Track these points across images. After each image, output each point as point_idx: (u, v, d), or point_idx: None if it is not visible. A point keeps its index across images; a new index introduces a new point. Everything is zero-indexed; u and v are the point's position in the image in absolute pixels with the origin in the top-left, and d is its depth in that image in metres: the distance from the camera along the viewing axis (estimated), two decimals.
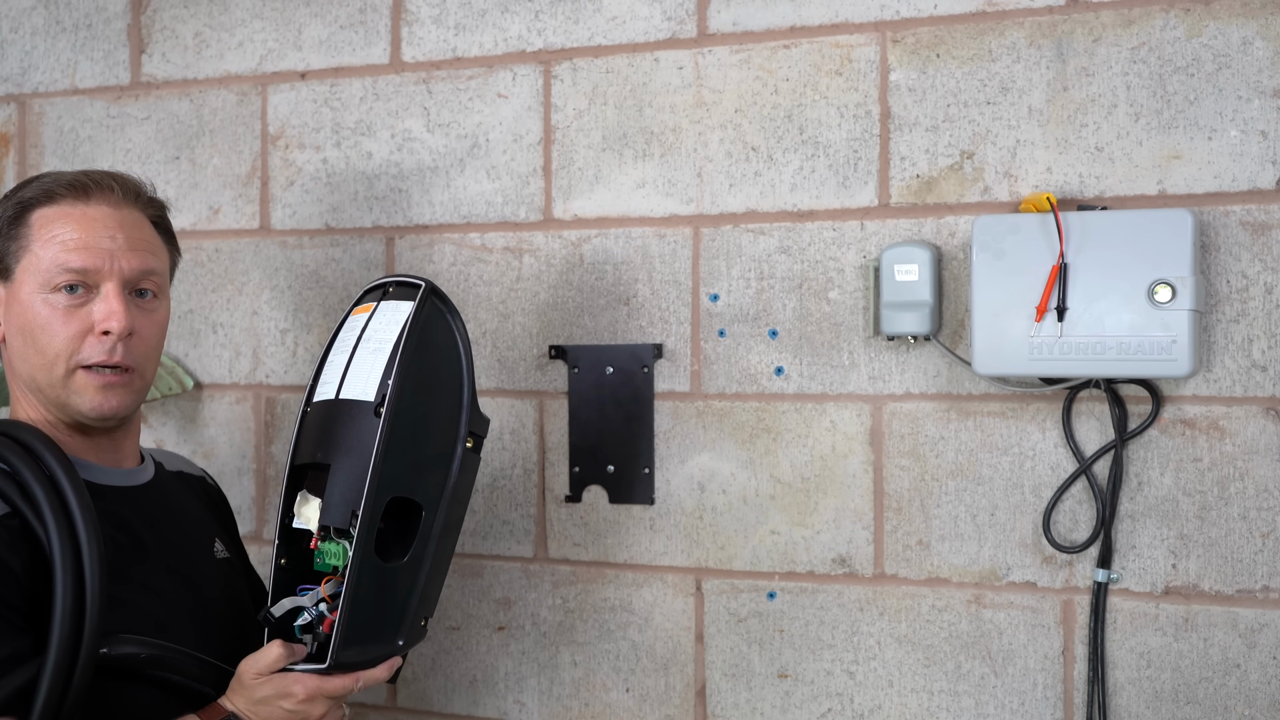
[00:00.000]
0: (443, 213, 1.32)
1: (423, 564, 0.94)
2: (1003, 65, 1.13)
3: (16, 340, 0.94)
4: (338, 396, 0.93)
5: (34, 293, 0.92)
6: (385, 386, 0.91)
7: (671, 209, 1.23)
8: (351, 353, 0.94)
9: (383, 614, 0.93)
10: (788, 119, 1.19)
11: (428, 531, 0.94)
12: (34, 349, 0.93)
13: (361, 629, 0.90)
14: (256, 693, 0.89)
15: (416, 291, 0.96)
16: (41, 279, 0.92)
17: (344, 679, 0.90)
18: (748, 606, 1.21)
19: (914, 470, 1.16)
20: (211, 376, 1.42)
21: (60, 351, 0.92)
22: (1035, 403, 1.12)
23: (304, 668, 0.89)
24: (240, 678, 0.90)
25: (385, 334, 0.93)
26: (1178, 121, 1.08)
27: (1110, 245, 1.03)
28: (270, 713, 0.89)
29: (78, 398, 0.93)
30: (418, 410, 0.92)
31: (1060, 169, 1.11)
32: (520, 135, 1.28)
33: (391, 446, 0.90)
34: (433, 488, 0.94)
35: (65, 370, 0.92)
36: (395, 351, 0.92)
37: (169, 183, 1.43)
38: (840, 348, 1.18)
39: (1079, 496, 1.11)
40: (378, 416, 0.89)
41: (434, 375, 0.95)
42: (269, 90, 1.38)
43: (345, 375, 0.93)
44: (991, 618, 1.14)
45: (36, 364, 0.93)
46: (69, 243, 0.92)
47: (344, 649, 0.89)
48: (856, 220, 1.17)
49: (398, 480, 0.91)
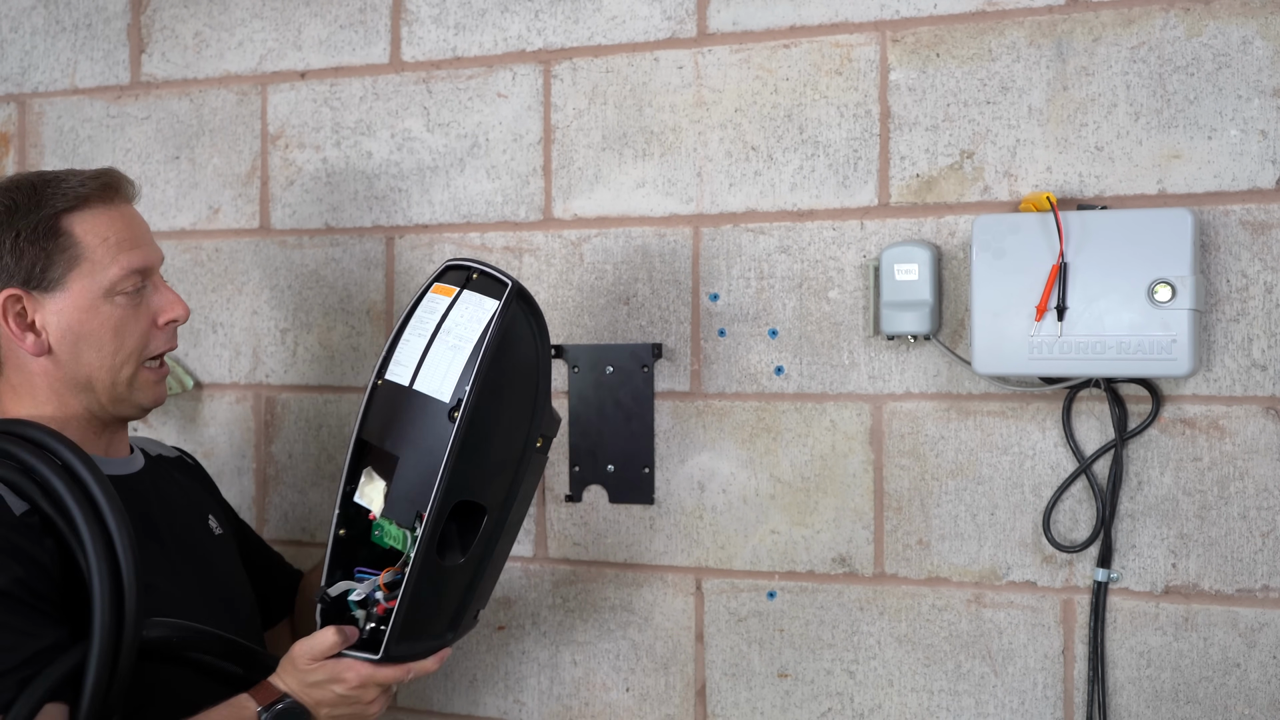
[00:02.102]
0: (443, 212, 1.34)
1: (482, 564, 0.96)
2: (1002, 65, 1.14)
3: (68, 347, 0.96)
4: (411, 386, 0.93)
5: (97, 298, 0.96)
6: (461, 391, 0.91)
7: (671, 208, 1.25)
8: (430, 340, 0.94)
9: (437, 610, 0.95)
10: (787, 118, 1.21)
11: (489, 532, 0.95)
12: (101, 352, 0.96)
13: (416, 625, 0.93)
14: (310, 676, 0.92)
15: (500, 288, 0.95)
16: (105, 283, 0.96)
17: (395, 669, 0.93)
18: (748, 606, 1.23)
19: (914, 470, 1.17)
20: (211, 376, 1.44)
21: (134, 349, 0.97)
22: (1035, 402, 1.14)
23: (357, 655, 0.92)
24: (294, 660, 0.93)
25: (466, 331, 0.93)
26: (1178, 121, 1.09)
27: (1110, 245, 1.04)
28: (322, 695, 0.92)
29: (140, 392, 0.98)
30: (490, 416, 0.93)
31: (1060, 168, 1.12)
32: (520, 135, 1.30)
33: (463, 454, 0.90)
34: (498, 491, 0.95)
35: (135, 366, 0.98)
36: (475, 355, 0.92)
37: (169, 182, 1.45)
38: (840, 347, 1.20)
39: (1079, 496, 1.13)
40: (451, 421, 0.90)
41: (510, 380, 0.95)
42: (269, 90, 1.40)
43: (421, 364, 0.94)
44: (991, 617, 1.15)
45: (101, 365, 0.96)
46: (124, 244, 0.97)
47: (398, 644, 0.91)
48: (856, 220, 1.19)
49: (465, 486, 0.92)
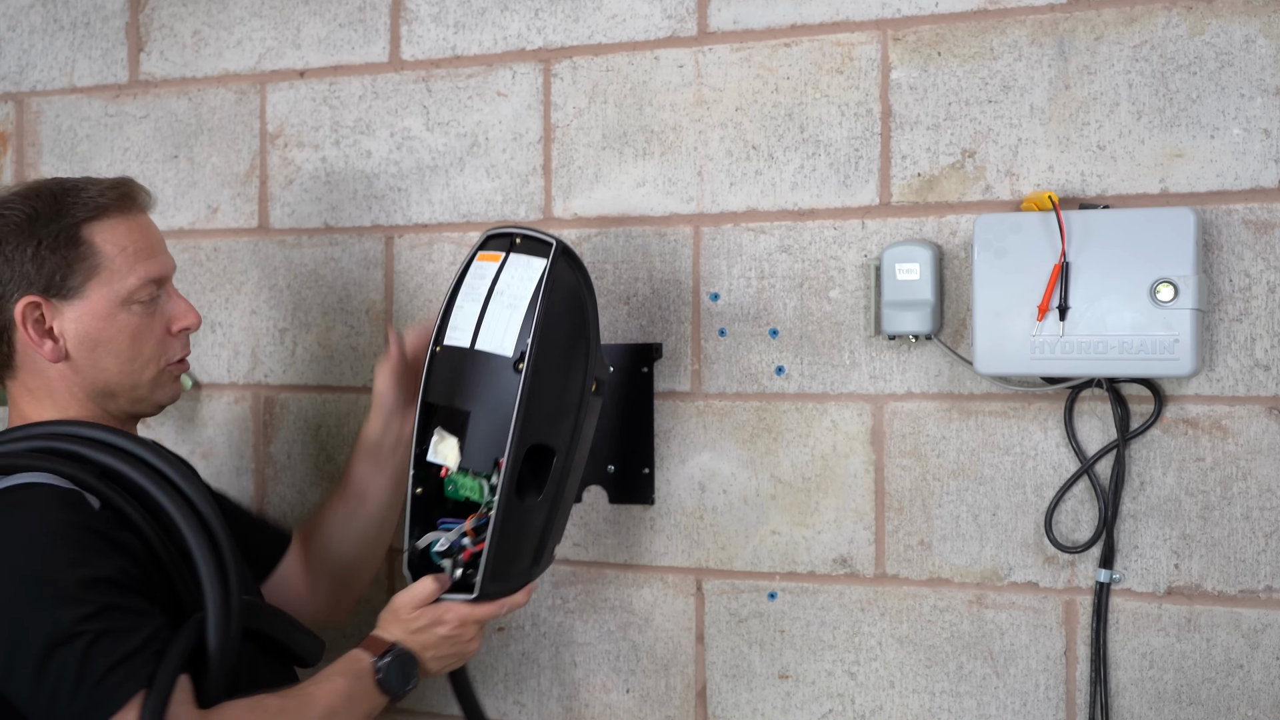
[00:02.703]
0: (442, 212, 1.34)
1: (556, 502, 1.05)
2: (1004, 63, 1.15)
3: (86, 353, 0.99)
4: (473, 346, 1.02)
5: (115, 306, 0.99)
6: (524, 344, 1.00)
7: (672, 208, 1.25)
8: (485, 303, 1.03)
9: (521, 547, 1.03)
10: (788, 117, 1.21)
11: (559, 472, 1.05)
12: (120, 359, 1.00)
13: (504, 563, 1.02)
14: (414, 624, 1.00)
15: (545, 248, 1.04)
16: (124, 292, 0.99)
17: (490, 606, 1.02)
18: (748, 607, 1.23)
19: (915, 470, 1.18)
20: (210, 376, 1.44)
21: (153, 355, 1.02)
22: (1037, 402, 1.14)
23: (453, 597, 1.01)
24: (396, 611, 1.01)
25: (519, 290, 1.03)
26: (1180, 120, 1.09)
27: (1112, 244, 1.04)
28: (426, 639, 1.01)
29: (162, 392, 1.04)
30: (550, 365, 1.02)
31: (1062, 167, 1.12)
32: (520, 134, 1.30)
33: (531, 401, 1.00)
34: (564, 433, 1.05)
35: (156, 371, 1.02)
36: (532, 310, 1.01)
37: (167, 181, 1.45)
38: (841, 347, 1.20)
39: (1081, 496, 1.13)
40: (517, 373, 1.00)
41: (564, 329, 1.04)
42: (268, 89, 1.40)
43: (480, 326, 1.03)
44: (993, 618, 1.16)
45: (121, 371, 1.00)
46: (142, 253, 1.01)
47: (490, 582, 1.01)
48: (857, 219, 1.19)
49: (535, 430, 1.01)
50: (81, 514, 0.88)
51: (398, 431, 1.14)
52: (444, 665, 1.05)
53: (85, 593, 0.85)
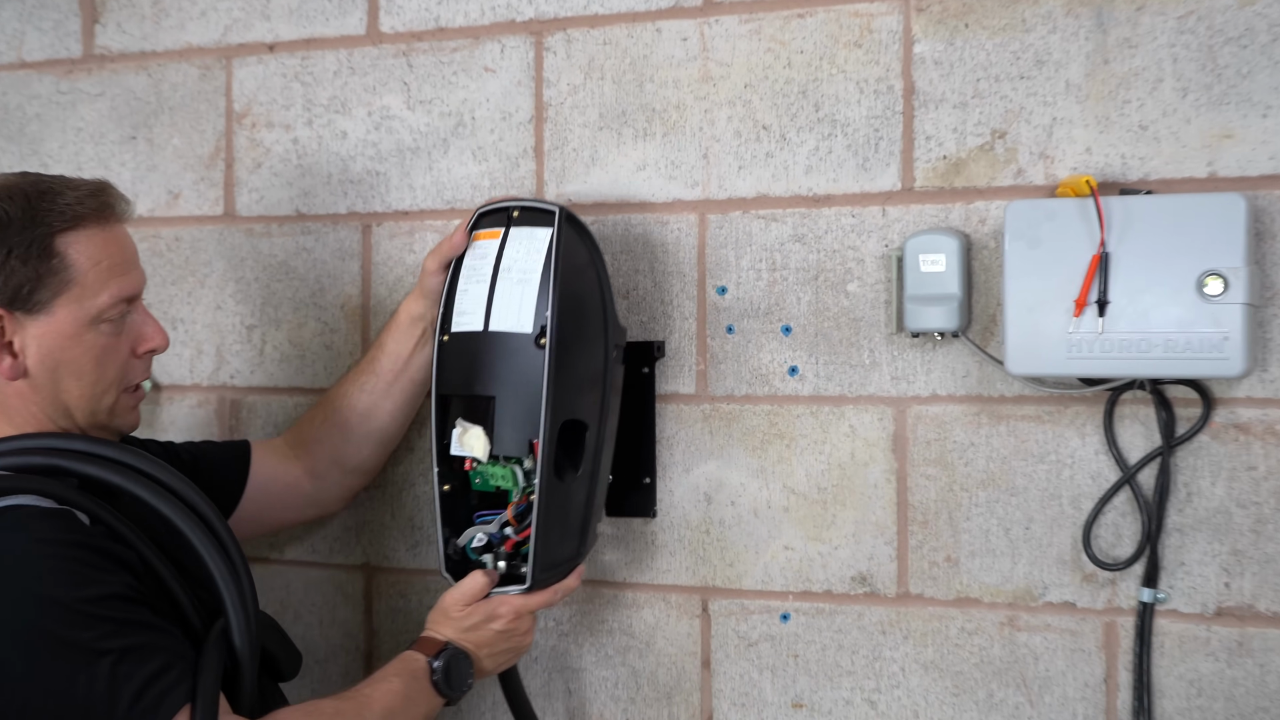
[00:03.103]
0: (424, 198, 1.30)
1: (594, 477, 1.08)
2: (1038, 36, 1.12)
3: (46, 372, 0.96)
4: (487, 329, 1.03)
5: (83, 325, 0.96)
6: (542, 317, 1.01)
7: (675, 193, 1.22)
8: (492, 282, 1.04)
9: (567, 529, 1.06)
10: (802, 95, 1.18)
11: (594, 445, 1.07)
12: (82, 381, 0.97)
13: (552, 547, 1.04)
14: (466, 621, 1.02)
15: (548, 217, 1.05)
16: (93, 311, 0.96)
17: (545, 593, 1.04)
18: (759, 629, 1.20)
19: (941, 480, 1.15)
20: (171, 377, 1.40)
21: (114, 379, 0.99)
22: (1074, 405, 1.11)
23: (504, 590, 1.03)
24: (446, 610, 1.02)
25: (528, 264, 1.03)
26: (1229, 97, 1.07)
27: (1156, 233, 1.02)
28: (480, 636, 1.03)
29: (120, 419, 1.01)
30: (572, 335, 1.04)
31: (1101, 149, 1.10)
32: (509, 113, 1.27)
33: (559, 376, 1.01)
34: (593, 404, 1.07)
35: (115, 395, 0.99)
36: (545, 282, 1.02)
37: (124, 165, 1.42)
38: (860, 345, 1.17)
39: (1122, 508, 1.10)
40: (540, 348, 1.01)
41: (581, 297, 1.06)
42: (234, 63, 1.37)
43: (491, 306, 1.03)
44: (1027, 641, 1.13)
45: (81, 395, 0.97)
46: (115, 269, 0.97)
47: (541, 569, 1.02)
48: (878, 205, 1.16)
49: (566, 405, 1.03)
50: (76, 532, 0.88)
51: (435, 316, 1.14)
52: (499, 663, 1.06)
53: (99, 610, 0.84)
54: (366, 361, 1.18)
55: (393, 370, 1.15)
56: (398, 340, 1.15)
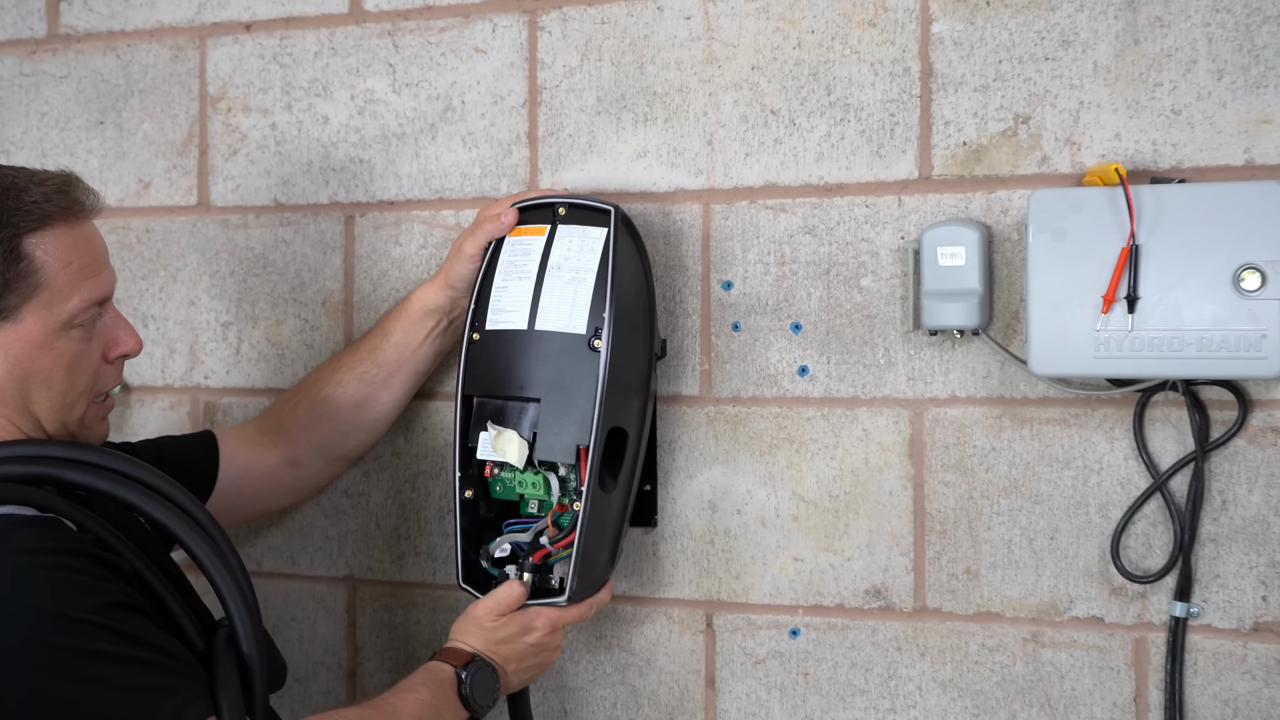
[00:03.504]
0: (411, 187, 1.28)
1: (628, 490, 1.07)
2: (1064, 14, 1.09)
3: (14, 383, 0.92)
4: (532, 327, 1.01)
5: (53, 332, 0.92)
6: (597, 319, 1.01)
7: (678, 182, 1.19)
8: (538, 280, 1.02)
9: (604, 541, 1.06)
10: (813, 77, 1.15)
11: (632, 456, 1.06)
12: (51, 391, 0.93)
13: (590, 560, 1.03)
14: (499, 632, 1.01)
15: (603, 216, 1.04)
16: (64, 316, 0.92)
17: (580, 608, 1.04)
18: (767, 646, 1.17)
19: (960, 487, 1.12)
20: (141, 378, 1.37)
21: (85, 388, 0.95)
22: (1102, 408, 1.09)
23: (540, 602, 1.02)
24: (477, 620, 1.01)
25: (581, 263, 1.02)
26: (1268, 79, 1.04)
27: (1189, 224, 1.00)
28: (512, 650, 1.01)
29: (89, 431, 0.97)
30: (626, 339, 1.03)
31: (1131, 135, 1.07)
32: (501, 97, 1.24)
33: (611, 379, 1.00)
34: (635, 412, 1.06)
35: (85, 405, 0.96)
36: (602, 282, 1.01)
37: (92, 152, 1.39)
38: (874, 344, 1.15)
39: (1153, 517, 1.08)
40: (594, 351, 1.00)
41: (634, 300, 1.06)
42: (208, 44, 1.34)
43: (537, 305, 1.02)
44: (1051, 659, 1.10)
45: (51, 406, 0.93)
46: (86, 270, 0.93)
47: (580, 583, 1.02)
48: (893, 195, 1.14)
49: (614, 411, 1.02)
50: (67, 539, 0.85)
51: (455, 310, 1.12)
52: (524, 679, 1.05)
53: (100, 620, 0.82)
54: (366, 350, 1.15)
55: (397, 361, 1.13)
56: (407, 331, 1.12)
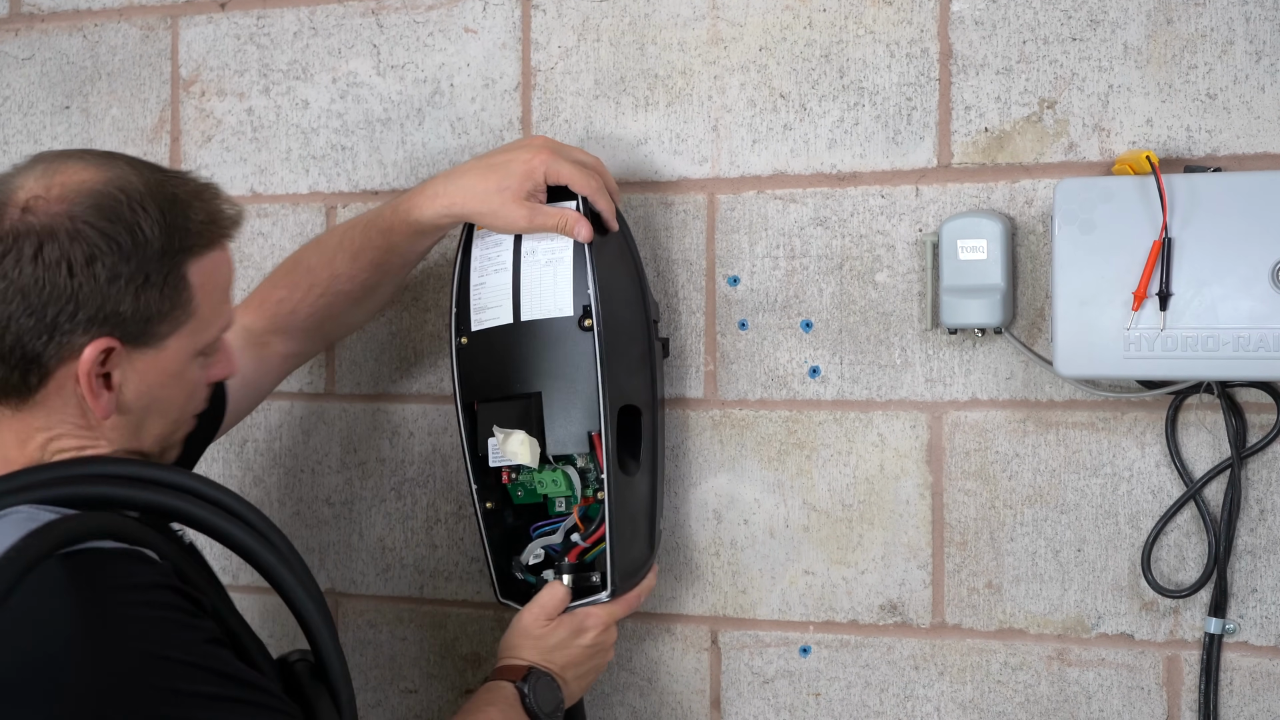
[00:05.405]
0: (396, 175, 1.27)
1: (654, 469, 1.06)
2: None
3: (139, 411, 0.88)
4: (518, 320, 1.01)
5: (188, 359, 0.89)
6: (585, 297, 0.99)
7: (681, 171, 1.19)
8: (514, 270, 1.01)
9: (637, 528, 1.05)
10: (825, 59, 1.14)
11: (651, 432, 1.05)
12: (165, 420, 0.90)
13: (626, 549, 1.02)
14: (550, 639, 1.00)
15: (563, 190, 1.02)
16: (201, 344, 0.89)
17: (629, 598, 1.03)
18: (775, 664, 1.17)
19: (981, 495, 1.11)
20: None
21: (191, 413, 0.93)
22: (1132, 411, 1.08)
23: (584, 603, 1.01)
24: (526, 629, 1.00)
25: (555, 241, 1.01)
26: None
27: (1225, 215, 0.99)
28: (568, 655, 1.00)
29: (173, 451, 0.94)
30: (618, 312, 1.02)
31: (1163, 121, 1.06)
32: (492, 79, 1.23)
33: (610, 356, 0.99)
34: (644, 386, 1.05)
35: (189, 428, 0.93)
36: (580, 259, 1.00)
37: (56, 138, 1.38)
38: (890, 343, 1.14)
39: (1186, 528, 1.07)
40: (585, 330, 0.99)
41: (619, 271, 1.04)
42: (180, 23, 1.33)
43: (518, 296, 1.01)
44: (1078, 678, 1.09)
45: (158, 436, 0.90)
46: (227, 295, 0.93)
47: (621, 575, 1.01)
48: (910, 184, 1.13)
49: (620, 389, 1.01)
50: (155, 574, 0.81)
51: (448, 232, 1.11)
52: (583, 685, 1.04)
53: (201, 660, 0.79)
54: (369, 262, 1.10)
55: (403, 267, 1.12)
56: (413, 242, 1.08)
